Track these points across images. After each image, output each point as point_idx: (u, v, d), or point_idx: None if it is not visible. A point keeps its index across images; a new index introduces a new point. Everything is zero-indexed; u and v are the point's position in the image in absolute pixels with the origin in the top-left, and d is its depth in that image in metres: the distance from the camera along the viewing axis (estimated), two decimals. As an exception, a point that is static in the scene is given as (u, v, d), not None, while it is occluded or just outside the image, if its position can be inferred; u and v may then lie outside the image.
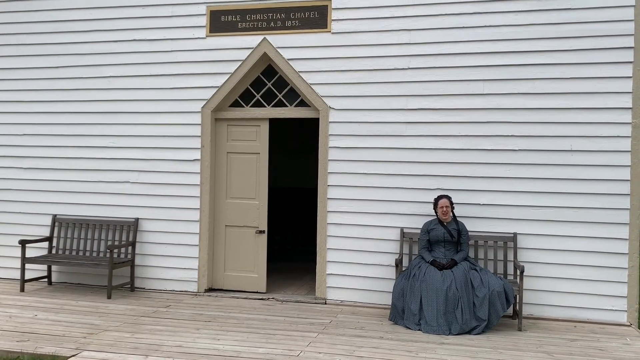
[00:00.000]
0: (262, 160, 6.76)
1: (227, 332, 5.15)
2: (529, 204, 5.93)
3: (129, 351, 4.54)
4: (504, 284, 5.35)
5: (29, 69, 7.28)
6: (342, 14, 6.39)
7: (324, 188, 6.42)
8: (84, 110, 7.10)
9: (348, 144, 6.38)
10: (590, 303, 5.78)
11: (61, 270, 7.18)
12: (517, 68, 5.96)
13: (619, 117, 5.74)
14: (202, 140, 6.76)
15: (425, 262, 5.59)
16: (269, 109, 6.73)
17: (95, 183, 7.07)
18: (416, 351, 4.70)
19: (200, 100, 6.76)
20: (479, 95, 6.05)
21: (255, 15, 6.61)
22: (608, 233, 5.76)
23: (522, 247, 5.94)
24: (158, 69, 6.88)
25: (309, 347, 4.73)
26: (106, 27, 7.02)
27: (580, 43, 5.81)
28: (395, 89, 6.24)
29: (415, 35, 6.20)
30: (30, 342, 4.72)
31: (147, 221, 6.90)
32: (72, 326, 5.25)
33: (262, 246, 6.72)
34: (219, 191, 6.87)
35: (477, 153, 6.06)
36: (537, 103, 5.92)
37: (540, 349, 4.85)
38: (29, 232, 7.26)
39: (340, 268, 6.37)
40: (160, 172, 6.87)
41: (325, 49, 6.42)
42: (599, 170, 5.78)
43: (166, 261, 6.83)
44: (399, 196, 6.23)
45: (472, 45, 6.06)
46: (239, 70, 6.64)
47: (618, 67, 5.73)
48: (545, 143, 5.90)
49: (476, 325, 5.25)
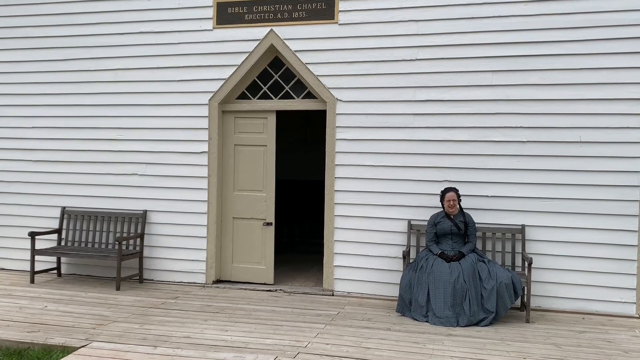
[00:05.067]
0: (269, 152, 6.76)
1: (235, 323, 5.18)
2: (537, 196, 5.89)
3: (137, 342, 4.57)
4: (512, 276, 5.33)
5: (36, 61, 7.30)
6: (349, 5, 6.35)
7: (331, 180, 6.41)
8: (91, 103, 7.12)
9: (355, 136, 6.36)
10: (598, 295, 5.75)
11: (70, 262, 7.23)
12: (526, 59, 5.90)
13: (629, 108, 5.67)
14: (209, 132, 6.76)
15: (433, 255, 5.58)
16: (276, 101, 6.72)
17: (104, 175, 7.10)
18: (423, 343, 4.70)
19: (207, 93, 6.76)
20: (487, 86, 6.00)
21: (262, 7, 6.58)
22: (617, 225, 5.72)
23: (530, 239, 5.91)
24: (165, 62, 6.88)
25: (317, 339, 4.74)
26: (113, 20, 7.03)
27: (591, 33, 5.74)
28: (403, 81, 6.21)
29: (423, 26, 6.15)
30: (40, 333, 4.77)
31: (155, 213, 6.93)
32: (82, 317, 5.29)
33: (270, 238, 6.74)
34: (227, 183, 6.88)
35: (485, 144, 6.02)
36: (546, 94, 5.87)
37: (548, 340, 4.83)
38: (39, 224, 7.31)
39: (348, 260, 6.38)
40: (168, 165, 6.89)
41: (333, 40, 6.39)
42: (609, 162, 5.73)
43: (174, 253, 6.87)
44: (407, 188, 6.21)
45: (481, 35, 6.01)
46: (246, 62, 6.63)
47: (629, 58, 5.66)
48: (554, 134, 5.85)
49: (484, 317, 5.24)
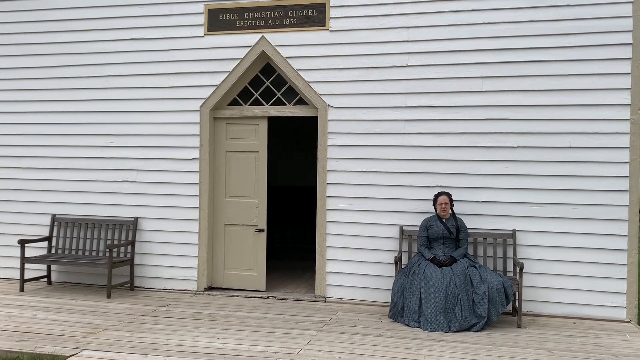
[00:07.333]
0: (261, 158, 6.75)
1: (227, 330, 5.15)
2: (528, 201, 5.93)
3: (128, 350, 4.54)
4: (504, 281, 5.35)
5: (27, 68, 7.26)
6: (340, 12, 6.38)
7: (323, 186, 6.42)
8: (83, 110, 7.09)
9: (347, 142, 6.37)
10: (589, 299, 5.79)
11: (61, 269, 7.17)
12: (516, 65, 5.95)
13: (617, 113, 5.73)
14: (200, 139, 6.75)
15: (425, 260, 5.59)
16: (267, 108, 6.72)
17: (94, 182, 7.06)
18: (416, 348, 4.70)
19: (198, 99, 6.76)
20: (477, 92, 6.04)
21: (254, 14, 6.60)
22: (607, 229, 5.76)
23: (522, 244, 5.94)
24: (156, 68, 6.87)
25: (309, 345, 4.73)
26: (104, 26, 7.01)
27: (579, 40, 5.80)
28: (394, 87, 6.24)
29: (413, 32, 6.19)
30: (29, 342, 4.72)
31: (146, 220, 6.90)
32: (72, 325, 5.25)
33: (262, 244, 6.72)
34: (218, 190, 6.86)
35: (476, 150, 6.05)
36: (535, 100, 5.91)
37: (540, 345, 4.85)
38: (29, 231, 7.25)
39: (340, 266, 6.38)
40: (159, 171, 6.87)
41: (324, 46, 6.41)
42: (598, 167, 5.78)
43: (165, 260, 6.83)
44: (398, 194, 6.23)
45: (471, 42, 6.05)
46: (238, 68, 6.64)
47: (617, 64, 5.73)
48: (544, 140, 5.89)
49: (476, 322, 5.25)
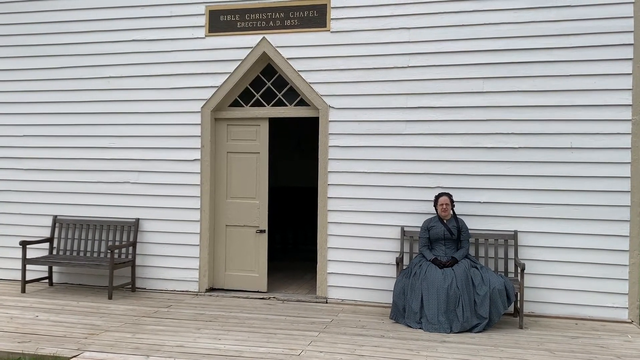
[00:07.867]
0: (262, 159, 6.76)
1: (229, 331, 5.15)
2: (529, 202, 5.92)
3: (130, 351, 4.54)
4: (505, 282, 5.35)
5: (28, 69, 7.27)
6: (341, 13, 6.38)
7: (324, 187, 6.42)
8: (84, 111, 7.10)
9: (348, 143, 6.37)
10: (591, 300, 5.78)
11: (62, 271, 7.18)
12: (517, 66, 5.95)
13: (619, 114, 5.73)
14: (202, 140, 6.76)
15: (426, 261, 5.59)
16: (268, 109, 6.72)
17: (96, 184, 7.07)
18: (417, 350, 4.69)
19: (199, 100, 6.76)
20: (478, 93, 6.04)
21: (254, 15, 6.60)
22: (609, 230, 5.75)
23: (523, 245, 5.94)
24: (157, 69, 6.88)
25: (310, 346, 4.73)
26: (105, 28, 7.02)
27: (580, 40, 5.80)
28: (395, 88, 6.24)
29: (414, 33, 6.19)
30: (31, 343, 4.72)
31: (147, 221, 6.90)
32: (73, 327, 5.25)
33: (263, 245, 6.72)
34: (219, 191, 6.86)
35: (477, 151, 6.05)
36: (536, 100, 5.91)
37: (542, 346, 4.84)
38: (30, 233, 7.26)
39: (341, 267, 6.37)
40: (160, 172, 6.87)
41: (325, 47, 6.41)
42: (599, 168, 5.78)
43: (167, 261, 6.84)
44: (399, 195, 6.23)
45: (472, 43, 6.05)
46: (239, 69, 6.64)
47: (618, 64, 5.72)
48: (545, 140, 5.89)
49: (477, 323, 5.25)
